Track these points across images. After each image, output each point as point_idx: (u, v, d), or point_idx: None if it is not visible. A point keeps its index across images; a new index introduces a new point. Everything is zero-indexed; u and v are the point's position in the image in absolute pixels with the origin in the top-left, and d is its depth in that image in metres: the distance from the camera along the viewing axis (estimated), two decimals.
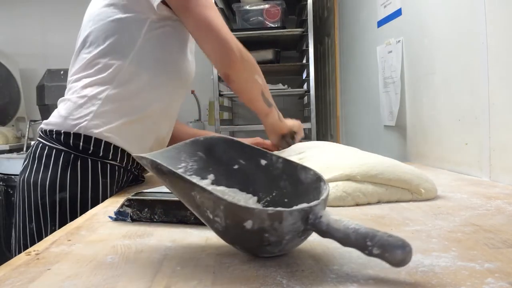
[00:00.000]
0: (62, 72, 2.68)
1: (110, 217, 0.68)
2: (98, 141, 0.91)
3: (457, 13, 1.06)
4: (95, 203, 0.88)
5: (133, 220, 0.66)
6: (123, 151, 0.95)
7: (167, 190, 0.70)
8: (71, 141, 0.91)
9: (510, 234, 0.51)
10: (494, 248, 0.46)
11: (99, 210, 0.77)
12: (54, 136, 0.92)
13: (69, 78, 0.98)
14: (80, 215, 0.77)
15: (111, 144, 0.93)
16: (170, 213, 0.64)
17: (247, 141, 1.10)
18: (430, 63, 1.22)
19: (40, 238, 0.87)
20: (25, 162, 0.97)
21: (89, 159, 0.92)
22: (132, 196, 0.67)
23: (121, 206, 0.67)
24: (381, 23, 1.61)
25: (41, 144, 0.94)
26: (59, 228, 0.67)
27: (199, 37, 0.92)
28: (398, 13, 1.43)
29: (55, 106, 0.98)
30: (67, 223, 0.68)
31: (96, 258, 0.49)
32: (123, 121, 0.93)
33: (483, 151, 0.96)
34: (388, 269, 0.41)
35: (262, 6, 2.33)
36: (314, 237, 0.48)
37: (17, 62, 3.14)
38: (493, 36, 0.91)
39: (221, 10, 2.49)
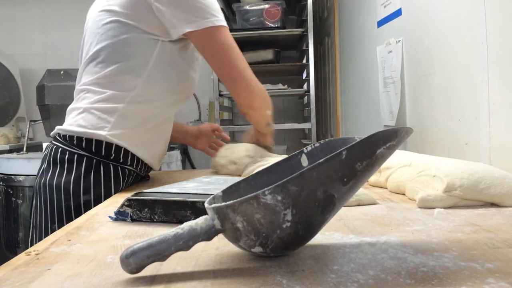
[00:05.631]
0: (62, 72, 2.67)
1: (110, 217, 0.68)
2: (118, 148, 1.00)
3: (457, 13, 1.06)
4: None
5: (133, 220, 0.66)
6: (138, 157, 1.04)
7: (167, 190, 0.70)
8: (93, 147, 0.99)
9: (510, 234, 0.51)
10: (494, 248, 0.46)
11: (99, 210, 0.77)
12: (75, 142, 0.99)
13: (80, 87, 1.04)
14: None
15: (128, 151, 1.02)
16: (170, 213, 0.64)
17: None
18: (430, 63, 1.22)
19: None
20: (44, 166, 1.02)
21: (111, 164, 1.00)
22: (132, 196, 0.67)
23: (121, 206, 0.67)
24: (381, 23, 1.61)
25: (60, 149, 1.00)
26: None
27: (228, 82, 1.07)
28: (398, 13, 1.43)
29: (55, 106, 1.00)
30: None
31: (96, 258, 0.49)
32: (138, 132, 1.03)
33: (483, 151, 0.96)
34: (389, 269, 0.41)
35: (262, 6, 2.33)
36: (314, 237, 0.48)
37: (17, 62, 3.13)
38: (493, 36, 0.91)
39: (221, 10, 2.49)
